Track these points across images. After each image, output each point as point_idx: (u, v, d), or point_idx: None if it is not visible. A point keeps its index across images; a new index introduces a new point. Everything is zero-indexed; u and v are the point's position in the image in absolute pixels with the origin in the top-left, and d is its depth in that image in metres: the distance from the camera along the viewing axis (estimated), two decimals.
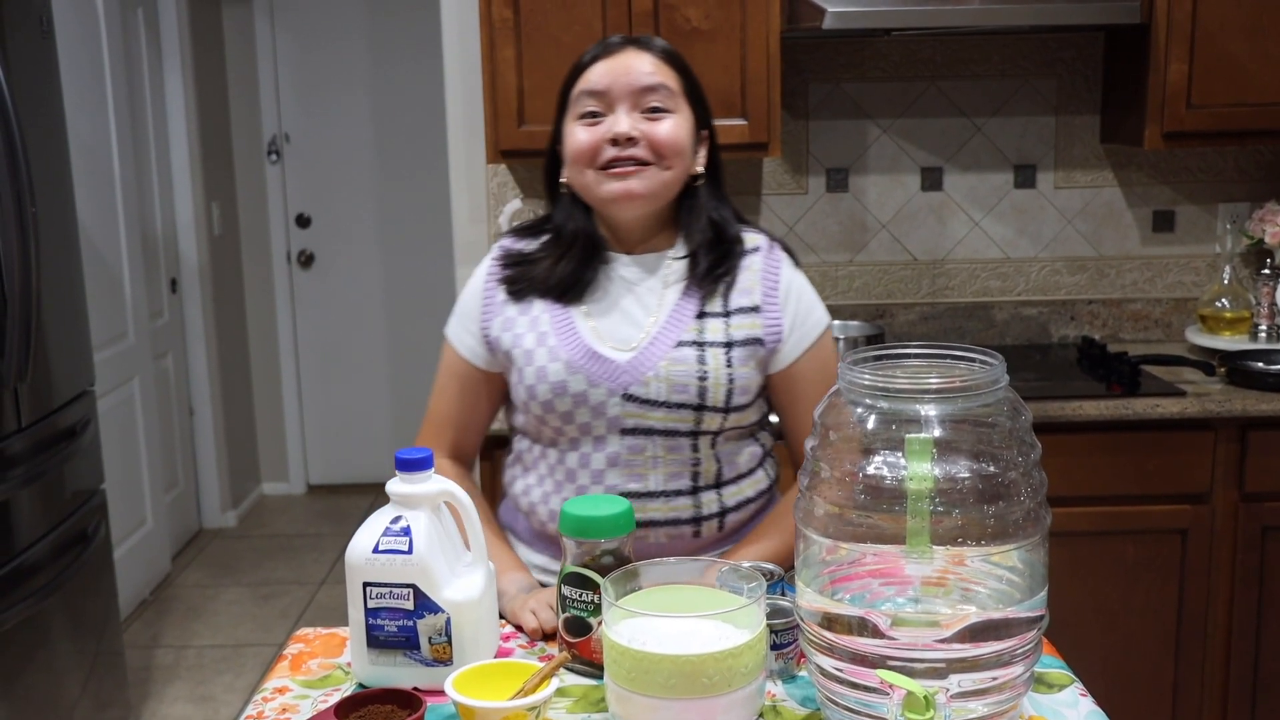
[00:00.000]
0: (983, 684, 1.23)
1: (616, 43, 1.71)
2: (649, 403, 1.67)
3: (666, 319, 1.70)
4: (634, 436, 1.68)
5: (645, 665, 1.26)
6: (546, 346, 1.70)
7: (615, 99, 1.67)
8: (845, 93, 3.16)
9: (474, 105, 3.13)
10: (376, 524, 1.44)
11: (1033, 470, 1.26)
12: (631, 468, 1.68)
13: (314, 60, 5.24)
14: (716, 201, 1.76)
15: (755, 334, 1.71)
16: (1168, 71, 2.80)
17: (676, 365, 1.67)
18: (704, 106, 1.75)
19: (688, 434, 1.68)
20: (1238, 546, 2.70)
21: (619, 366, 1.67)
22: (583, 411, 1.68)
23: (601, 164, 1.67)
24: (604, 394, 1.67)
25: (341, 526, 5.06)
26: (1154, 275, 3.24)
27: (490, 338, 1.75)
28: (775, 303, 1.73)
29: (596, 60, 1.69)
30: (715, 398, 1.67)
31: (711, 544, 1.75)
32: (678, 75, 1.71)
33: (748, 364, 1.70)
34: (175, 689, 3.69)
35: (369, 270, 5.40)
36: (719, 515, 1.73)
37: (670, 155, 1.67)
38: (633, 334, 1.70)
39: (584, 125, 1.68)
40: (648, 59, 1.69)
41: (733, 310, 1.71)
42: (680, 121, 1.69)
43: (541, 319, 1.72)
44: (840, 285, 3.24)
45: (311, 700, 1.44)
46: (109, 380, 3.90)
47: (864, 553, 1.27)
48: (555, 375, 1.68)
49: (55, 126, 3.04)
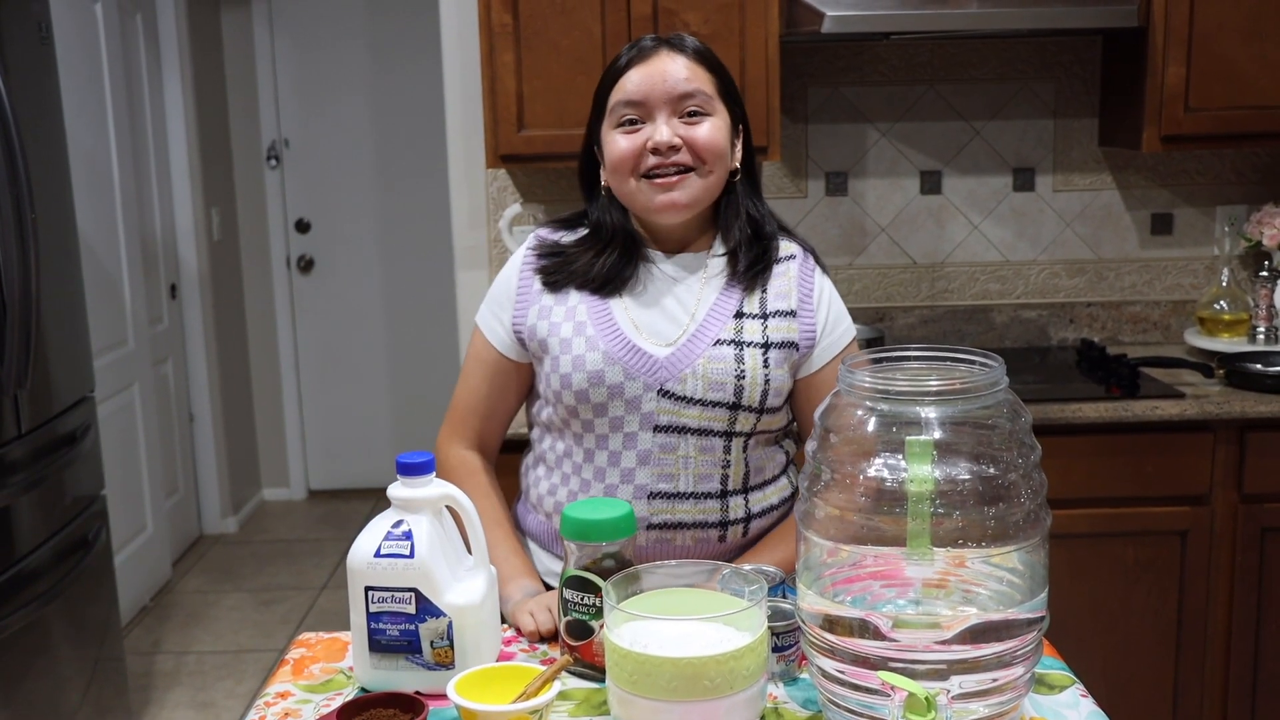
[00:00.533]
0: (984, 685, 1.23)
1: (650, 45, 1.70)
2: (685, 399, 1.67)
3: (705, 317, 1.71)
4: (667, 434, 1.67)
5: (647, 668, 1.27)
6: (585, 336, 1.69)
7: (653, 106, 1.66)
8: (844, 97, 3.17)
9: (473, 110, 3.14)
10: (378, 528, 1.44)
11: (1033, 472, 1.27)
12: (663, 467, 1.68)
13: (313, 65, 5.24)
14: (753, 197, 1.76)
15: (791, 338, 1.72)
16: (1165, 75, 2.81)
17: (715, 363, 1.67)
18: (738, 103, 1.75)
19: (721, 434, 1.69)
20: (1237, 548, 2.70)
21: (657, 361, 1.67)
22: (617, 404, 1.67)
23: (644, 171, 1.67)
24: (640, 388, 1.67)
25: (342, 532, 5.06)
26: (1153, 278, 3.25)
27: (524, 327, 1.74)
28: (810, 309, 1.74)
29: (631, 65, 1.68)
30: (751, 398, 1.67)
31: (735, 549, 1.74)
32: (712, 76, 1.70)
33: (782, 366, 1.70)
34: (176, 695, 3.69)
35: (369, 275, 5.40)
36: (744, 521, 1.73)
37: (711, 159, 1.67)
38: (671, 330, 1.70)
39: (623, 133, 1.68)
40: (682, 62, 1.68)
41: (770, 313, 1.72)
42: (718, 123, 1.69)
43: (579, 309, 1.72)
44: (840, 288, 3.19)
45: (314, 705, 1.44)
46: (109, 386, 3.90)
47: (865, 555, 1.28)
48: (593, 365, 1.67)
49: (54, 133, 3.04)
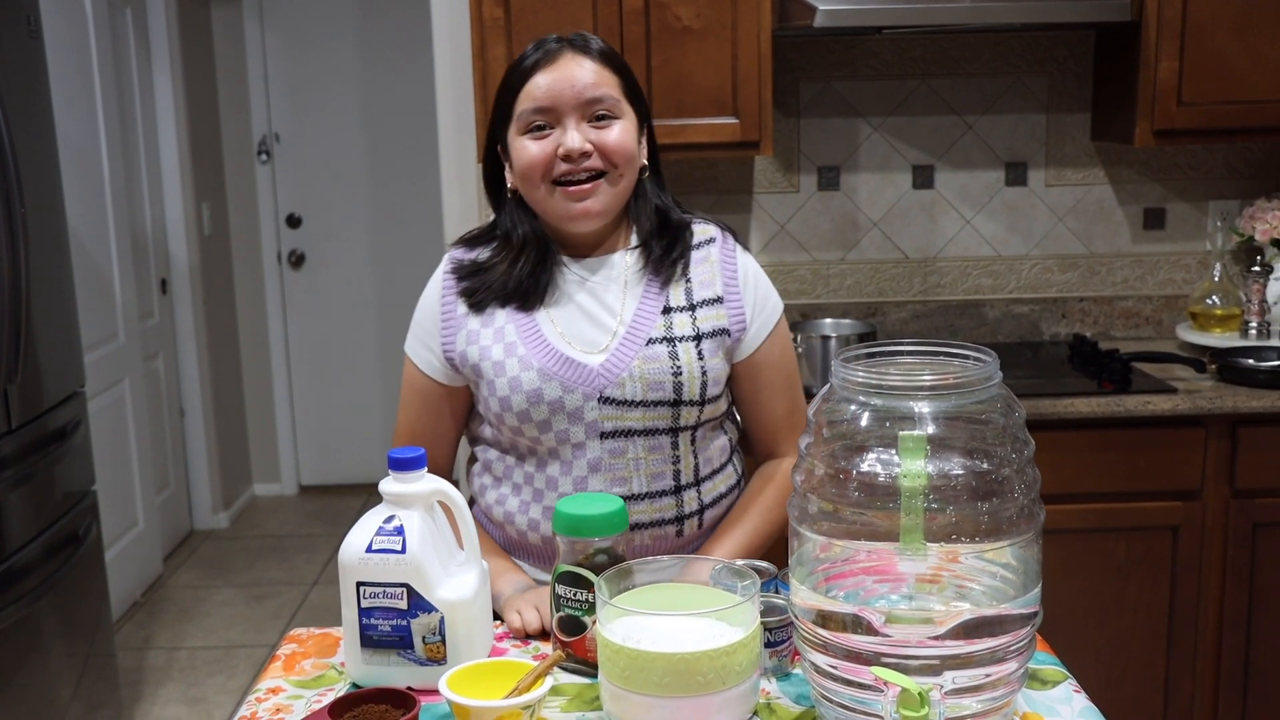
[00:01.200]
0: (977, 680, 1.23)
1: (555, 48, 1.68)
2: (626, 403, 1.66)
3: (633, 318, 1.70)
4: (614, 439, 1.67)
5: (639, 663, 1.26)
6: (516, 356, 1.68)
7: (562, 112, 1.65)
8: (836, 91, 3.17)
9: (465, 104, 3.13)
10: (370, 523, 1.44)
11: (1026, 467, 1.27)
12: (614, 472, 1.68)
13: (304, 60, 5.23)
14: (658, 189, 1.77)
15: (721, 324, 1.72)
16: (1158, 69, 2.81)
17: (650, 363, 1.67)
18: (643, 102, 1.75)
19: (666, 431, 1.69)
20: (1229, 543, 2.70)
21: (592, 370, 1.66)
22: (560, 418, 1.66)
23: (554, 178, 1.66)
24: (580, 399, 1.66)
25: (333, 527, 5.05)
26: (1145, 273, 3.25)
27: (454, 353, 1.72)
28: (736, 293, 1.74)
29: (537, 69, 1.67)
30: (691, 392, 1.67)
31: (693, 541, 1.75)
32: (618, 77, 1.69)
33: (717, 354, 1.70)
34: (167, 690, 3.68)
35: (360, 270, 5.39)
36: (699, 513, 1.74)
37: (622, 163, 1.67)
38: (600, 337, 1.69)
39: (533, 139, 1.67)
40: (589, 66, 1.66)
41: (697, 303, 1.72)
42: (627, 125, 1.68)
43: (507, 329, 1.70)
44: (832, 283, 3.24)
45: (305, 700, 1.44)
46: (99, 381, 3.89)
47: (858, 550, 1.27)
48: (529, 384, 1.66)
49: (44, 127, 3.03)
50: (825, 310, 3.21)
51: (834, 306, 3.22)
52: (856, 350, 1.34)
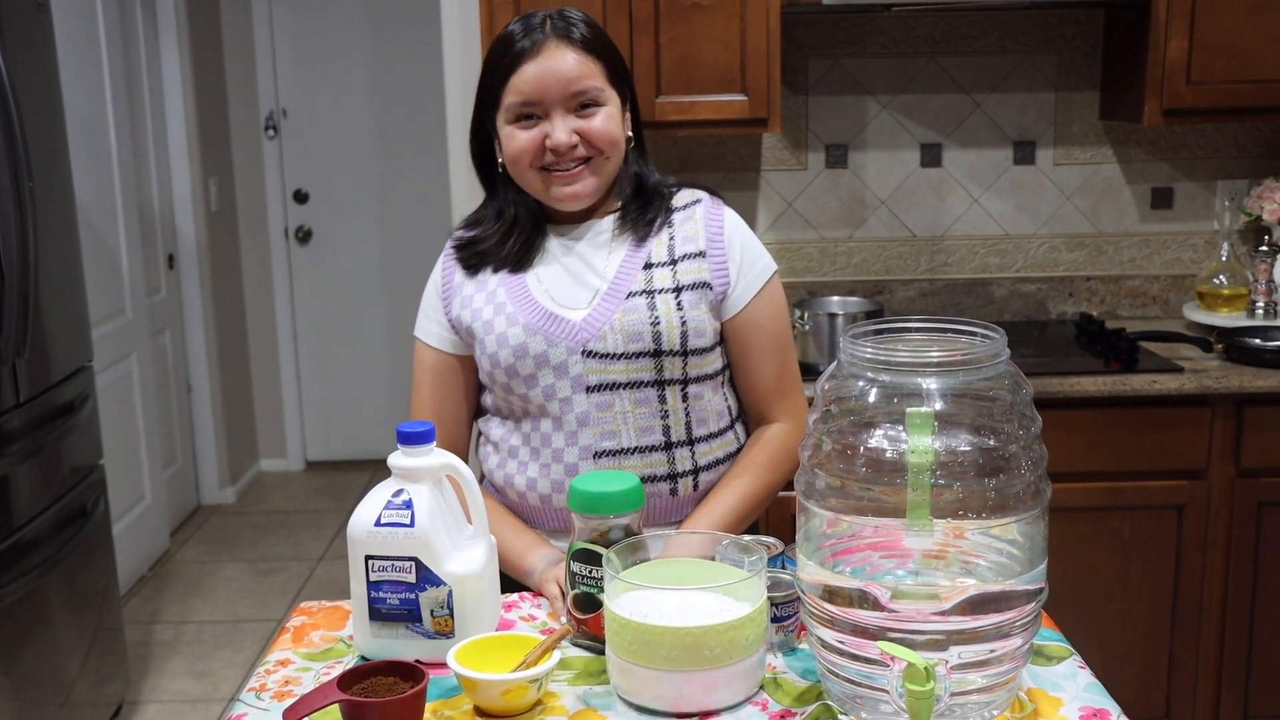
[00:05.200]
0: (982, 656, 1.24)
1: (540, 37, 1.70)
2: (608, 356, 1.70)
3: (615, 275, 1.75)
4: (600, 393, 1.71)
5: (647, 637, 1.27)
6: (505, 314, 1.74)
7: (549, 105, 1.70)
8: (845, 68, 3.16)
9: (473, 79, 3.12)
10: (378, 497, 1.44)
11: (1033, 444, 1.27)
12: (603, 425, 1.71)
13: (311, 34, 5.21)
14: (639, 158, 1.82)
15: (703, 278, 1.74)
16: (1168, 48, 2.79)
17: (629, 315, 1.71)
18: (626, 81, 1.78)
19: (652, 384, 1.72)
20: (1234, 522, 2.71)
21: (575, 325, 1.72)
22: (545, 373, 1.71)
23: (543, 165, 1.72)
24: (564, 353, 1.71)
25: (340, 502, 5.07)
26: (1152, 252, 3.24)
27: (453, 318, 1.80)
28: (720, 248, 1.77)
29: (523, 58, 1.70)
30: (671, 341, 1.70)
31: (688, 502, 1.77)
32: (600, 63, 1.72)
33: (698, 306, 1.73)
34: (174, 664, 3.70)
35: (367, 245, 5.39)
36: (693, 473, 1.75)
37: (608, 148, 1.72)
38: (584, 294, 1.75)
39: (520, 128, 1.72)
40: (573, 58, 1.69)
41: (679, 258, 1.75)
42: (611, 111, 1.73)
43: (498, 291, 1.77)
44: (839, 261, 3.24)
45: (314, 672, 1.45)
46: (107, 356, 3.90)
47: (865, 525, 1.28)
48: (515, 339, 1.72)
49: (52, 102, 3.03)
50: (832, 288, 3.21)
51: (841, 284, 3.22)
52: (865, 326, 1.34)
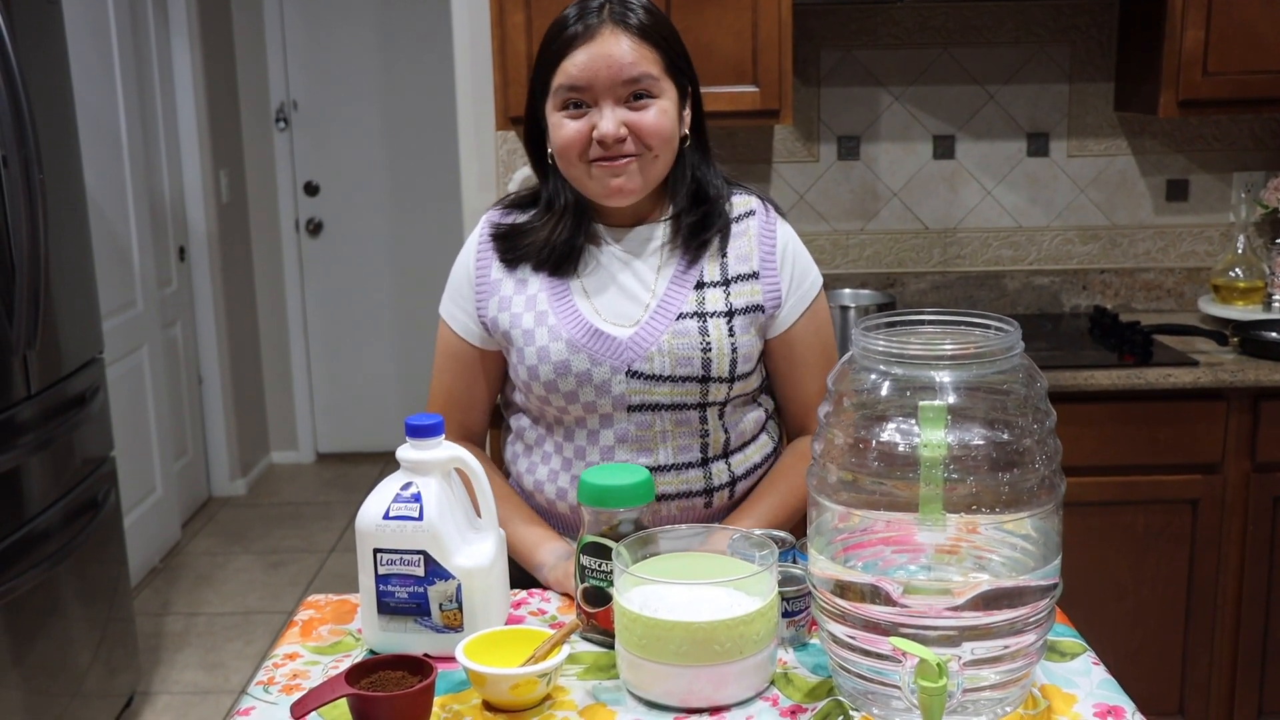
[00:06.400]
0: (995, 652, 1.22)
1: (594, 21, 1.62)
2: (654, 378, 1.65)
3: (665, 292, 1.68)
4: (641, 413, 1.67)
5: (657, 632, 1.26)
6: (546, 326, 1.67)
7: (598, 93, 1.61)
8: (857, 60, 3.14)
9: (483, 71, 3.11)
10: (387, 490, 1.44)
11: (1047, 438, 1.25)
12: (641, 443, 1.67)
13: (322, 26, 5.21)
14: (701, 159, 1.73)
15: (755, 300, 1.69)
16: (1184, 38, 2.77)
17: (679, 339, 1.65)
18: (687, 73, 1.69)
19: (695, 406, 1.67)
20: (1249, 517, 2.69)
21: (621, 343, 1.65)
22: (587, 390, 1.66)
23: (590, 158, 1.64)
24: (608, 372, 1.65)
25: (350, 495, 5.07)
26: (1167, 245, 3.22)
27: (487, 318, 1.73)
28: (773, 267, 1.71)
29: (576, 43, 1.62)
30: (720, 368, 1.66)
31: (722, 513, 1.74)
32: (657, 52, 1.64)
33: (749, 331, 1.69)
34: (185, 656, 3.71)
35: (377, 238, 5.39)
36: (729, 485, 1.72)
37: (658, 145, 1.63)
38: (632, 310, 1.68)
39: (569, 117, 1.63)
40: (627, 44, 1.61)
41: (731, 279, 1.69)
42: (665, 105, 1.64)
43: (539, 298, 1.69)
44: (851, 253, 3.22)
45: (322, 666, 1.44)
46: (118, 348, 3.90)
47: (877, 520, 1.27)
48: (558, 355, 1.66)
49: (62, 94, 3.02)
50: (844, 280, 3.20)
51: (853, 277, 3.20)
52: (877, 319, 1.33)
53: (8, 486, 2.67)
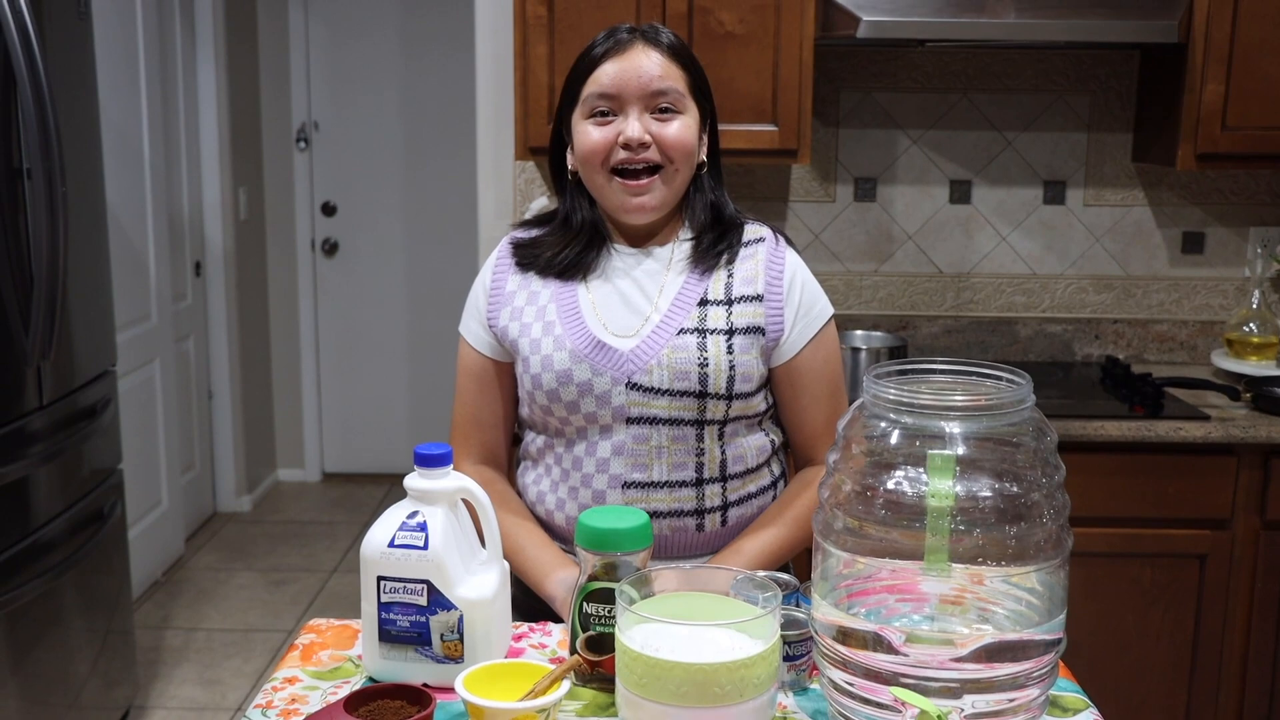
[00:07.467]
0: (997, 705, 1.22)
1: (625, 38, 1.71)
2: (652, 390, 1.68)
3: (669, 307, 1.72)
4: (639, 426, 1.69)
5: (657, 672, 1.26)
6: (553, 336, 1.72)
7: (626, 100, 1.69)
8: (876, 102, 3.15)
9: (504, 101, 3.13)
10: (393, 518, 1.44)
11: (1056, 492, 1.25)
12: (636, 457, 1.69)
13: (346, 50, 5.25)
14: (715, 185, 1.80)
15: (757, 323, 1.72)
16: (1204, 92, 2.78)
17: (678, 353, 1.68)
18: (708, 99, 1.77)
19: (692, 423, 1.69)
20: (1257, 574, 2.67)
21: (622, 355, 1.69)
22: (588, 400, 1.69)
23: (613, 165, 1.69)
24: (608, 382, 1.68)
25: (355, 515, 5.07)
26: (1181, 297, 3.22)
27: (497, 327, 1.77)
28: (779, 293, 1.74)
29: (607, 57, 1.70)
30: (717, 385, 1.68)
31: (714, 538, 1.75)
32: (685, 73, 1.72)
33: (749, 351, 1.71)
34: (184, 671, 3.70)
35: (392, 260, 5.41)
36: (721, 509, 1.73)
37: (679, 159, 1.70)
38: (634, 321, 1.72)
39: (595, 124, 1.70)
40: (656, 58, 1.69)
41: (735, 298, 1.73)
42: (688, 121, 1.71)
43: (549, 308, 1.74)
44: (864, 295, 3.22)
45: (321, 692, 1.44)
46: (130, 361, 3.92)
47: (881, 567, 1.26)
48: (560, 364, 1.69)
49: (88, 108, 3.05)
50: (856, 322, 3.20)
51: (865, 318, 3.21)
52: (889, 367, 1.33)
53: (15, 496, 2.68)
